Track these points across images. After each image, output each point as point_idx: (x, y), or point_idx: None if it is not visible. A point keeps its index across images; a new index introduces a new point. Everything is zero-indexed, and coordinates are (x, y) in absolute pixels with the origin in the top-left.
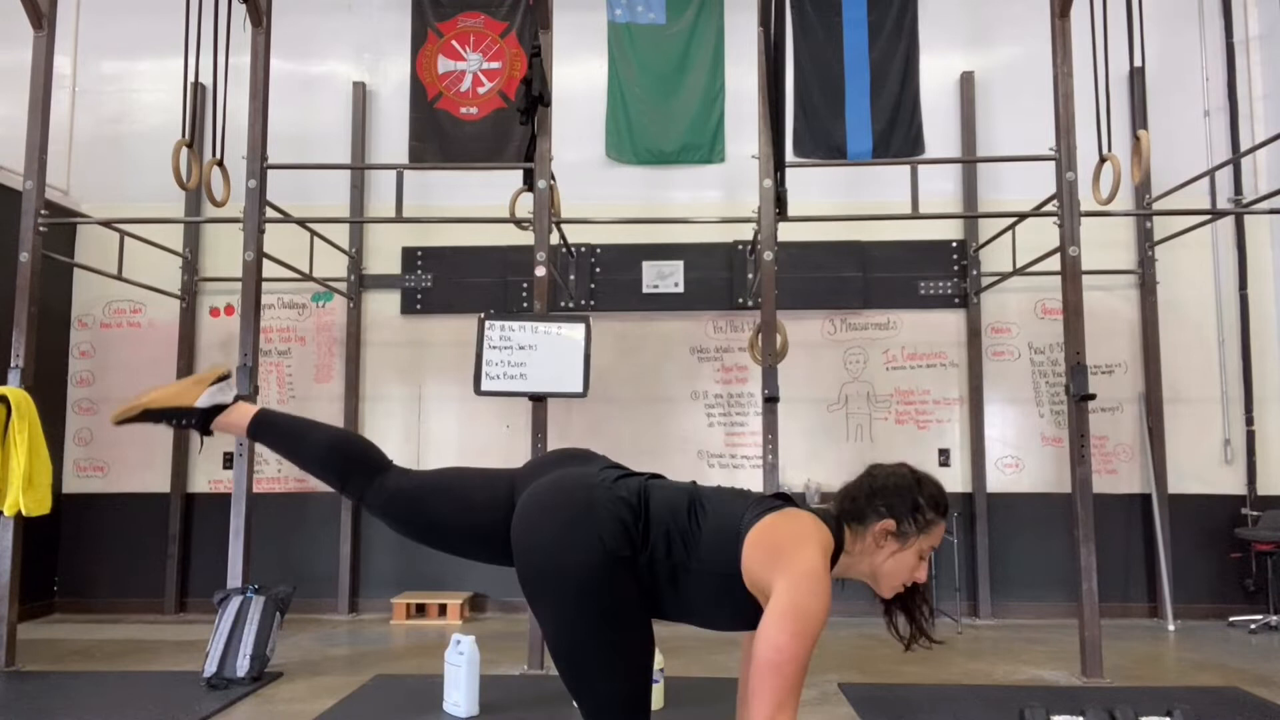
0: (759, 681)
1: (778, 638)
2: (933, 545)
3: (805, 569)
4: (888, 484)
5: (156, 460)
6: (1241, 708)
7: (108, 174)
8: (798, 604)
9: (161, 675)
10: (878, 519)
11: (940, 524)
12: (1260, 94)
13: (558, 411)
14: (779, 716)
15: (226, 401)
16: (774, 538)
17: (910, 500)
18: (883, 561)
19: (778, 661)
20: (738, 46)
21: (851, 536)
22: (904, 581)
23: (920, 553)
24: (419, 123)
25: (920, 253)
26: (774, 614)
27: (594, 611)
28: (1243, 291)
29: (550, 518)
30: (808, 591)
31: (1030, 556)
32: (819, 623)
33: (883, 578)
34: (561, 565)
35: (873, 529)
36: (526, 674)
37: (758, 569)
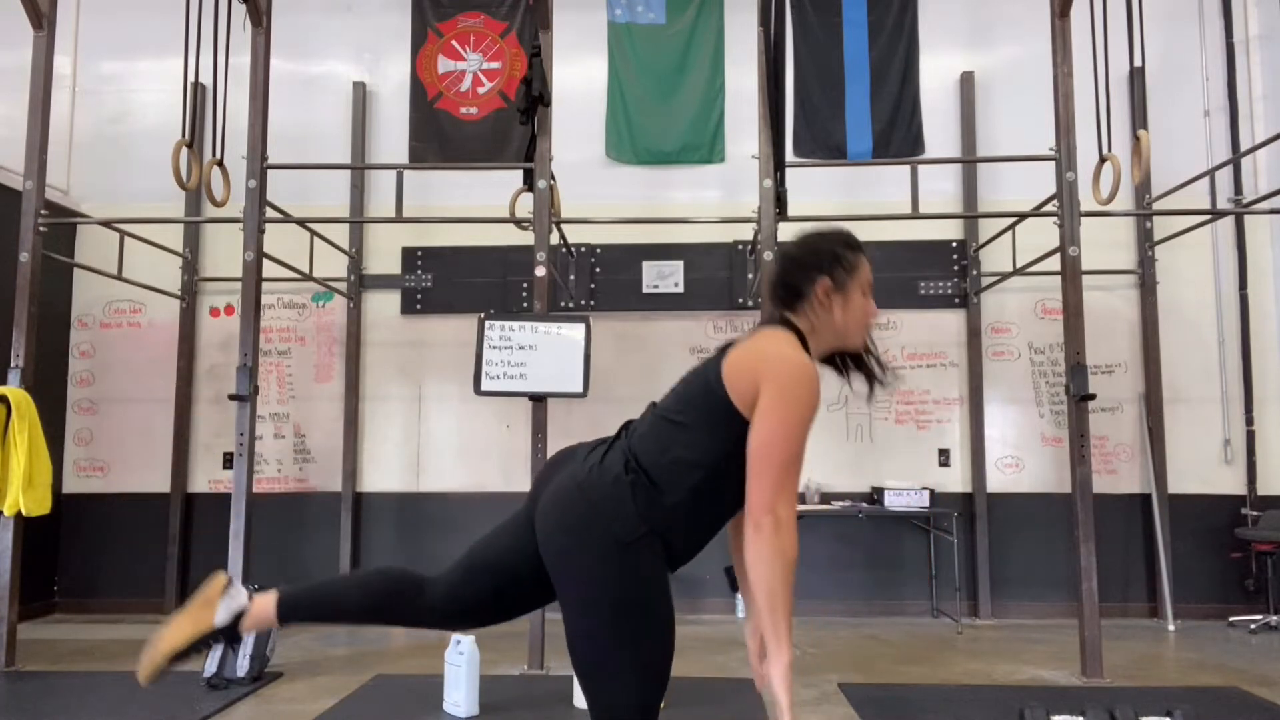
0: (754, 475)
1: (765, 426)
2: (868, 280)
3: (783, 360)
4: (802, 253)
5: (156, 460)
6: (1241, 708)
7: (108, 174)
8: (783, 392)
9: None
10: (813, 284)
11: (862, 258)
12: (1260, 94)
13: (558, 411)
14: (777, 503)
15: (244, 605)
16: (747, 355)
17: (828, 252)
18: (840, 317)
19: (768, 450)
20: (738, 46)
21: (802, 319)
22: (866, 324)
23: (862, 290)
24: (419, 123)
25: (920, 253)
26: (761, 410)
27: (626, 605)
28: (1243, 291)
29: (562, 534)
30: (789, 379)
31: (1030, 556)
32: (807, 406)
33: (848, 330)
34: (588, 573)
35: (815, 296)
36: (526, 674)
37: (744, 385)
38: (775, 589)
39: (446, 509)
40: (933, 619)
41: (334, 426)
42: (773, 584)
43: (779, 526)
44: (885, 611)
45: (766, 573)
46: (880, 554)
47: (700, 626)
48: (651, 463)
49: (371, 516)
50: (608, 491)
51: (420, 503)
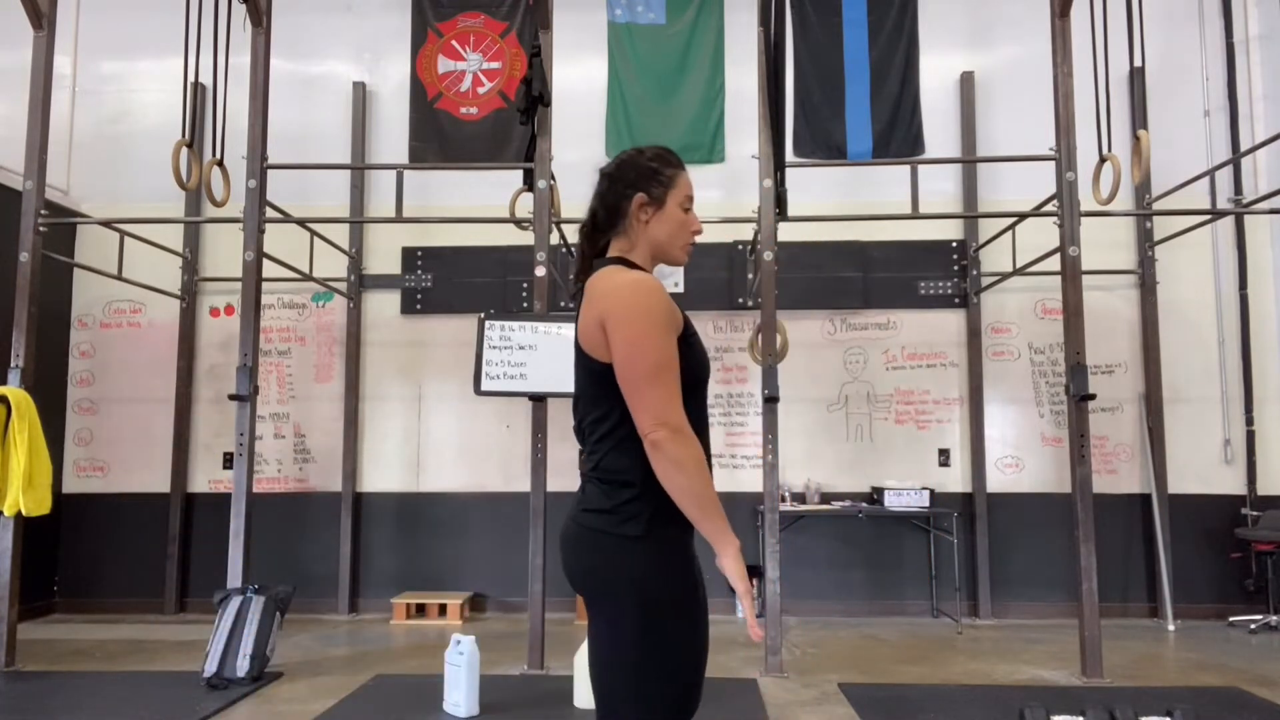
0: (629, 399)
1: (622, 352)
2: (687, 195)
3: (608, 291)
4: (616, 172)
5: (156, 460)
6: (1241, 708)
7: (108, 174)
8: (621, 312)
9: (161, 675)
10: (629, 200)
11: (680, 173)
12: (1260, 94)
13: (558, 411)
14: (664, 413)
15: None
16: (583, 317)
17: (645, 169)
18: (658, 230)
19: (630, 368)
20: (738, 46)
21: (622, 240)
22: (688, 237)
23: (680, 205)
24: (419, 123)
25: (920, 253)
26: (613, 344)
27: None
28: (1243, 291)
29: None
30: (620, 298)
31: (1030, 556)
32: (650, 310)
33: (669, 244)
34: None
35: (634, 214)
36: (526, 674)
37: (598, 339)
38: (696, 492)
39: (446, 509)
40: (933, 619)
41: (334, 426)
42: (691, 489)
43: (676, 434)
44: (885, 611)
45: (683, 482)
46: (880, 554)
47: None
48: (606, 460)
49: (371, 516)
50: (594, 509)
51: (420, 503)
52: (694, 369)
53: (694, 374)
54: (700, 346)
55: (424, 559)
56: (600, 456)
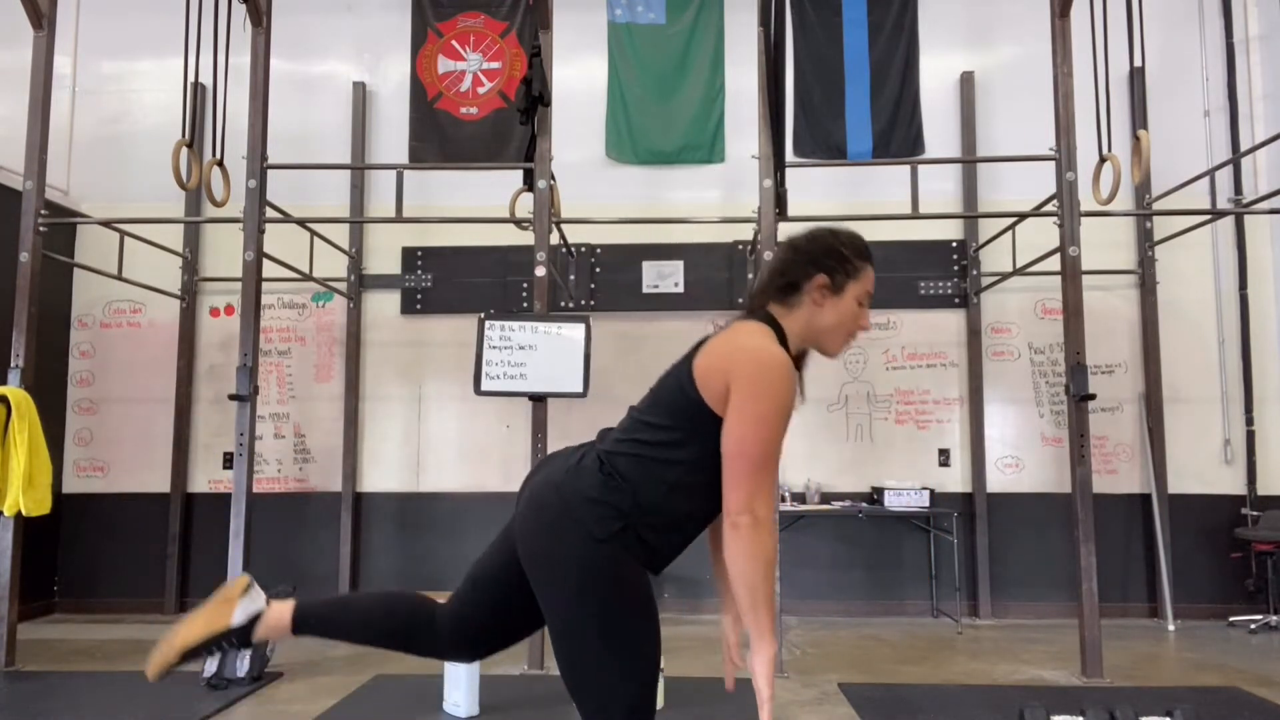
0: (729, 475)
1: (739, 427)
2: (867, 290)
3: (752, 356)
4: (809, 246)
5: (156, 460)
6: (1241, 708)
7: (108, 174)
8: (754, 388)
9: None
10: (811, 279)
11: (868, 268)
12: (1260, 94)
13: (558, 411)
14: (754, 502)
15: (262, 608)
16: (717, 350)
17: (835, 253)
18: (826, 317)
19: (744, 449)
20: (738, 46)
21: (788, 313)
22: (850, 332)
23: (858, 299)
24: (419, 123)
25: (920, 253)
26: (733, 407)
27: (606, 605)
28: (1243, 291)
29: (538, 534)
30: (760, 373)
31: (1030, 556)
32: (781, 400)
33: (830, 333)
34: (565, 572)
35: (809, 291)
36: (526, 674)
37: (716, 383)
38: (756, 586)
39: (446, 509)
40: (933, 619)
41: (334, 426)
42: (754, 581)
43: (757, 525)
44: (885, 611)
45: (748, 570)
46: (880, 554)
47: (700, 626)
48: (626, 463)
49: (371, 516)
50: (582, 489)
51: (420, 503)
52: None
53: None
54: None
55: (424, 559)
56: (627, 451)
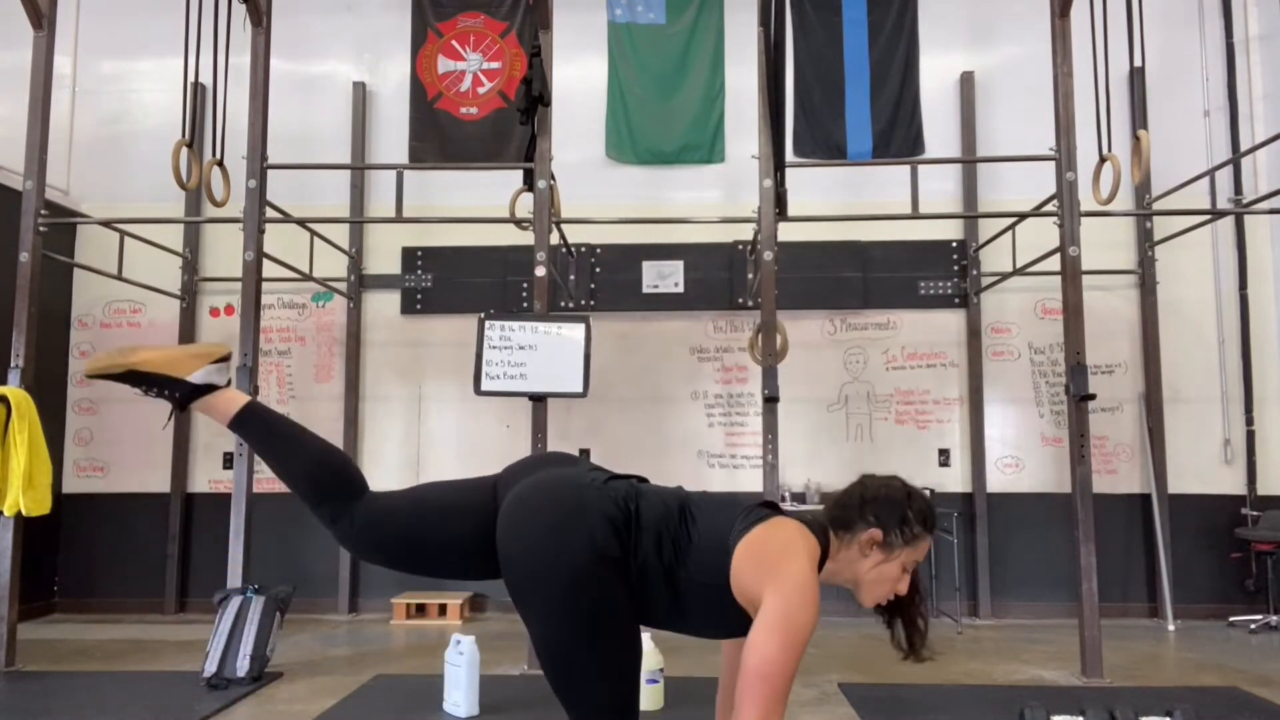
0: (746, 691)
1: (767, 648)
2: (916, 560)
3: (794, 580)
4: (878, 494)
5: (156, 460)
6: (1241, 708)
7: (108, 174)
8: (788, 615)
9: (161, 675)
10: (865, 528)
11: (926, 540)
12: (1260, 94)
13: (558, 411)
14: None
15: (219, 384)
16: (763, 549)
17: (899, 513)
18: (867, 571)
19: (767, 673)
20: (738, 46)
21: (837, 544)
22: (886, 594)
23: (904, 565)
24: (419, 123)
25: (920, 253)
26: (764, 624)
27: (583, 611)
28: (1243, 291)
29: (539, 519)
30: (798, 603)
31: (1030, 556)
32: (807, 633)
33: (865, 586)
34: (552, 566)
35: (860, 538)
36: (526, 674)
37: (748, 580)
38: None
39: None
40: (933, 619)
41: (334, 426)
42: None
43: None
44: None
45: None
46: None
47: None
48: (646, 521)
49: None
50: (600, 507)
51: None
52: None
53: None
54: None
55: None
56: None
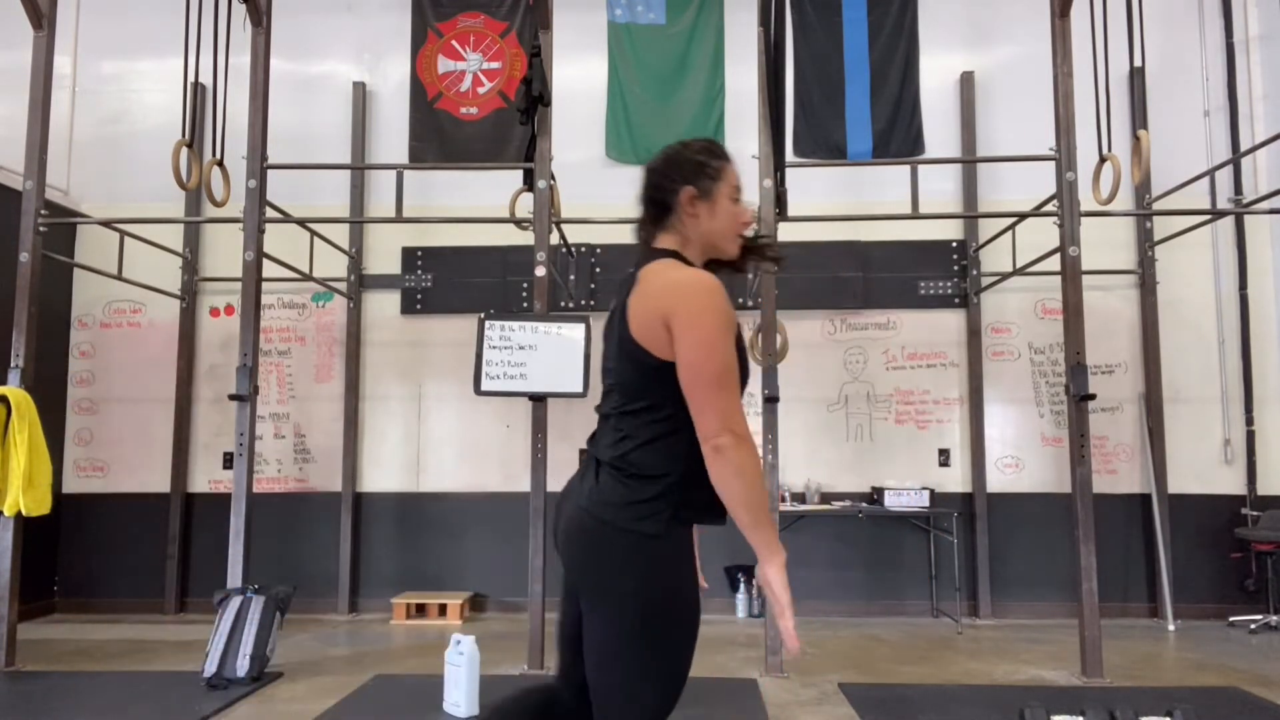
0: (694, 404)
1: (689, 355)
2: (734, 186)
3: (676, 288)
4: (664, 165)
5: (156, 460)
6: (1241, 708)
7: (108, 174)
8: (689, 313)
9: (161, 675)
10: (678, 194)
11: (727, 164)
12: (1260, 94)
13: (558, 411)
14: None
15: None
16: (642, 308)
17: (691, 162)
18: (709, 223)
19: (696, 374)
20: (738, 46)
21: (675, 237)
22: (738, 227)
23: (730, 196)
24: (419, 123)
25: (920, 253)
26: (677, 341)
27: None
28: (1243, 291)
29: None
30: (690, 298)
31: (1030, 556)
32: (718, 314)
33: (720, 235)
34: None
35: (682, 206)
36: (526, 674)
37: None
38: (752, 502)
39: (446, 509)
40: (933, 619)
41: (334, 426)
42: (748, 499)
43: (739, 443)
44: (885, 611)
45: (740, 489)
46: (880, 554)
47: (700, 626)
48: (639, 455)
49: (371, 516)
50: (614, 501)
51: (420, 503)
52: (743, 373)
53: (743, 378)
54: (745, 350)
55: (424, 559)
56: (631, 449)
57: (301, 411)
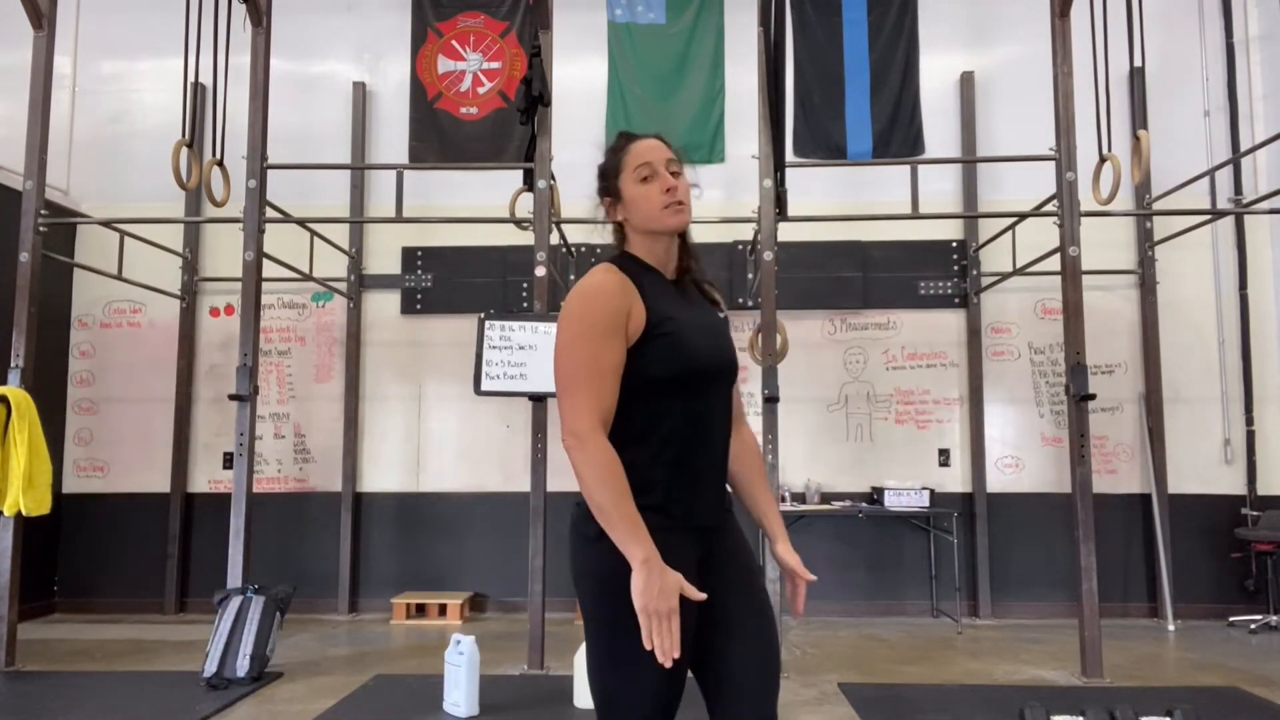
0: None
1: (554, 356)
2: (636, 166)
3: (566, 302)
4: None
5: (156, 460)
6: (1241, 708)
7: (108, 174)
8: (560, 320)
9: (161, 675)
10: (603, 206)
11: (623, 154)
12: (1260, 94)
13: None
14: (572, 421)
15: None
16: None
17: (599, 173)
18: (632, 217)
19: (557, 381)
20: (738, 46)
21: (625, 237)
22: (660, 203)
23: (635, 180)
24: (419, 123)
25: (920, 253)
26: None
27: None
28: (1243, 291)
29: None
30: (564, 312)
31: (1030, 556)
32: (577, 320)
33: (648, 222)
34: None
35: (610, 214)
36: (526, 674)
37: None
38: (598, 503)
39: (446, 509)
40: (933, 619)
41: (334, 426)
42: (592, 498)
43: (581, 443)
44: (885, 611)
45: (588, 489)
46: (880, 554)
47: None
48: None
49: (371, 516)
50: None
51: (420, 503)
52: (660, 368)
53: (659, 373)
54: (689, 341)
55: (424, 559)
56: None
57: (301, 411)
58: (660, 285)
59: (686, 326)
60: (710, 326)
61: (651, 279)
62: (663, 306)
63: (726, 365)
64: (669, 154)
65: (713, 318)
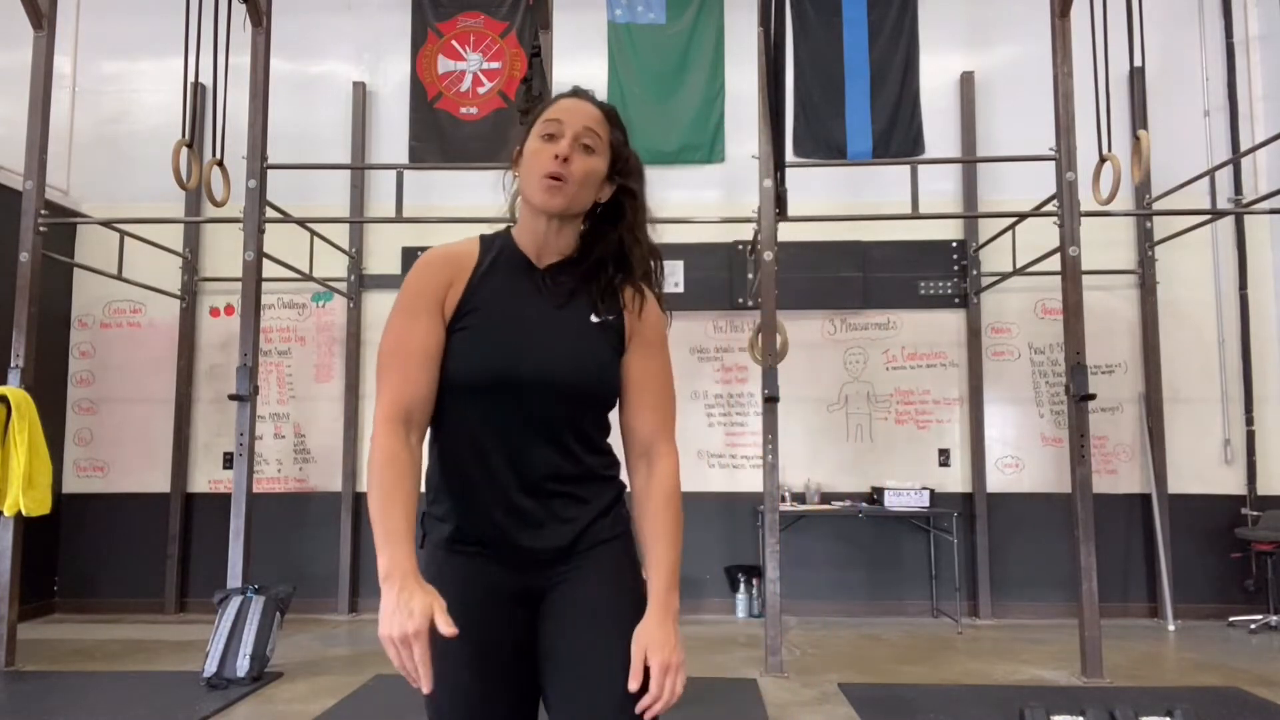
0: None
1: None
2: (549, 120)
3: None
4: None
5: (156, 460)
6: (1241, 708)
7: (108, 174)
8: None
9: (161, 675)
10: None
11: (553, 103)
12: (1260, 94)
13: None
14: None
15: None
16: None
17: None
18: (521, 173)
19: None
20: (738, 46)
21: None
22: (541, 169)
23: (539, 135)
24: (419, 123)
25: (920, 253)
26: None
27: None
28: (1243, 291)
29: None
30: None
31: (1030, 556)
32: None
33: (526, 190)
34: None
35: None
36: None
37: None
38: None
39: None
40: (933, 619)
41: (334, 426)
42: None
43: (375, 428)
44: (885, 611)
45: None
46: (880, 554)
47: (699, 626)
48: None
49: None
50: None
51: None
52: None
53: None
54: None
55: None
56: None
57: (301, 411)
58: (508, 270)
59: (499, 322)
60: (554, 331)
61: (504, 260)
62: (483, 294)
63: (558, 382)
64: (592, 123)
65: (572, 325)
